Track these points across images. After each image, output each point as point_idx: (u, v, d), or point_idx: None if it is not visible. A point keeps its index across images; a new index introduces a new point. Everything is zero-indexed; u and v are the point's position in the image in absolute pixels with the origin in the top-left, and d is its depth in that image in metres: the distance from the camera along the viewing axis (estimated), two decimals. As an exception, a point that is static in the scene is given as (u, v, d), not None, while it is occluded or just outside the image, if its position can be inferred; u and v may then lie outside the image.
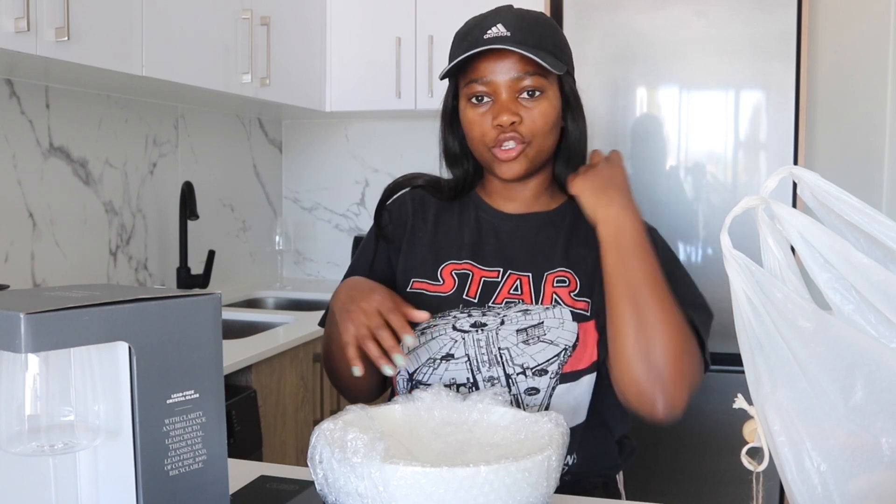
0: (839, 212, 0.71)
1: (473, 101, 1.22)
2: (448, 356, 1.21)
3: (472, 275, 1.25)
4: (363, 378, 1.13)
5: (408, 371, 1.24)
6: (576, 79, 1.28)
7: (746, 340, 0.73)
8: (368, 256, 1.34)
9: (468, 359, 1.20)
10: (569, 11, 2.46)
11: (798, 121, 2.36)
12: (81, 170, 2.28)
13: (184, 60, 2.18)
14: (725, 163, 2.42)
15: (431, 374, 1.21)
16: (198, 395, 0.79)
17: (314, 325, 1.13)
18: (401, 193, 1.37)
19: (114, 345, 0.76)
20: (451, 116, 1.29)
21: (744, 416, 0.77)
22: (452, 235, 1.30)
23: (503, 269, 1.24)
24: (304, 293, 2.92)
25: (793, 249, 0.74)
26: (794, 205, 2.28)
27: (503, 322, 1.20)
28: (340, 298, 1.18)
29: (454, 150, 1.31)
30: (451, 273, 1.26)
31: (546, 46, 1.20)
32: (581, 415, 1.20)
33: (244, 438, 1.88)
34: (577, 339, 1.19)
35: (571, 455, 1.20)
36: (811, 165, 2.68)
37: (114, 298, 0.74)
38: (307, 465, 0.90)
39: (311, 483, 0.97)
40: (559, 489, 0.92)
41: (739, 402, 0.76)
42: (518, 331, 1.19)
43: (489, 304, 1.22)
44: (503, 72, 1.19)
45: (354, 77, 2.91)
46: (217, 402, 0.81)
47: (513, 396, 1.18)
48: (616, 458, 1.25)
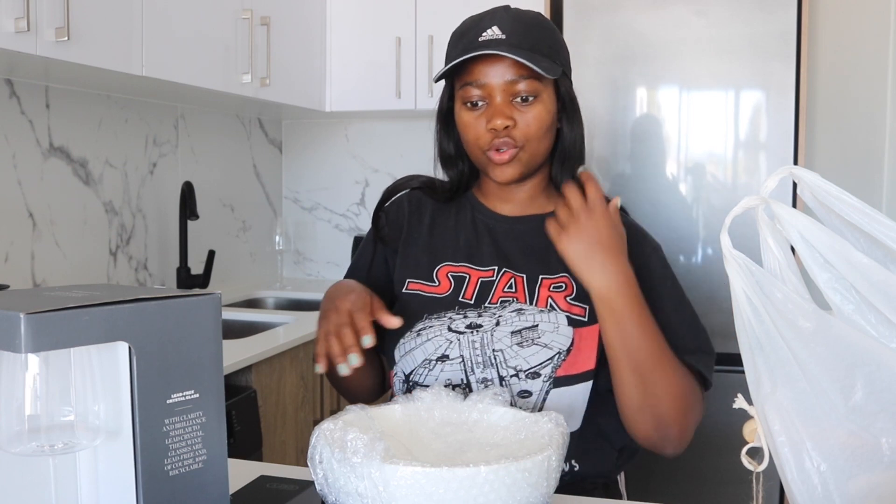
0: (839, 212, 0.71)
1: (468, 104, 1.22)
2: (443, 357, 1.20)
3: (469, 277, 1.25)
4: (360, 379, 1.14)
5: (404, 372, 1.24)
6: (574, 80, 1.28)
7: (746, 340, 0.73)
8: (366, 259, 1.35)
9: (462, 360, 1.19)
10: (569, 11, 2.46)
11: (798, 121, 2.36)
12: (81, 170, 2.28)
13: (184, 60, 2.18)
14: (725, 163, 2.42)
15: (427, 376, 1.21)
16: (198, 395, 0.79)
17: (314, 326, 1.13)
18: (398, 195, 1.37)
19: (114, 345, 0.76)
20: (447, 118, 1.29)
21: (744, 416, 0.77)
22: (448, 237, 1.30)
23: (498, 268, 1.24)
24: (304, 293, 2.92)
25: (793, 249, 0.74)
26: (794, 205, 2.28)
27: (498, 323, 1.19)
28: (325, 298, 1.22)
29: (449, 152, 1.31)
30: (447, 275, 1.26)
31: (541, 49, 1.19)
32: (576, 421, 1.19)
33: (244, 438, 1.88)
34: (573, 344, 1.18)
35: (569, 462, 1.18)
36: (811, 165, 2.68)
37: (114, 298, 0.74)
38: (307, 465, 0.90)
39: (311, 483, 0.97)
40: (559, 489, 0.92)
41: (739, 402, 0.76)
42: (512, 333, 1.18)
43: (485, 305, 1.22)
44: (497, 75, 1.19)
45: (354, 77, 2.91)
46: (217, 402, 0.81)
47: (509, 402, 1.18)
48: (616, 463, 1.24)
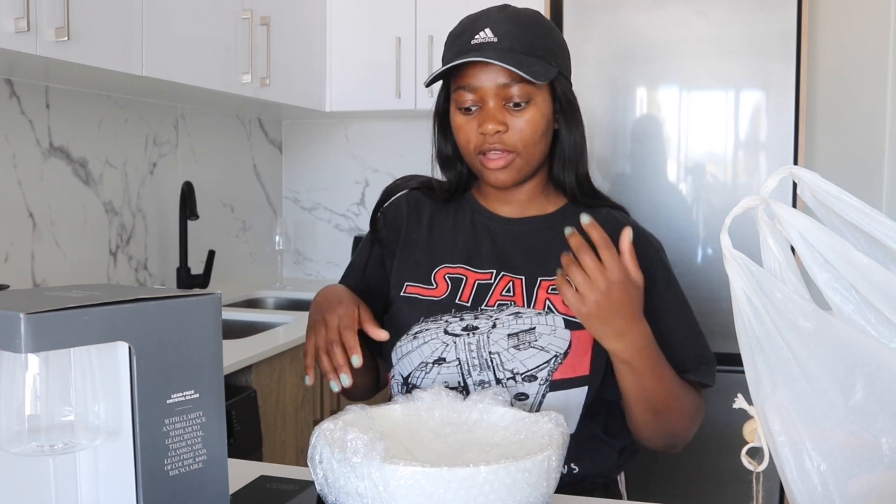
0: (839, 212, 0.71)
1: (461, 108, 1.21)
2: (440, 360, 1.20)
3: (466, 279, 1.24)
4: (354, 380, 1.14)
5: (402, 375, 1.24)
6: (574, 80, 1.26)
7: (746, 340, 0.73)
8: (362, 260, 1.35)
9: (459, 363, 1.19)
10: (569, 11, 2.46)
11: (798, 121, 2.36)
12: (81, 170, 2.28)
13: (184, 60, 2.18)
14: (725, 163, 2.42)
15: (424, 378, 1.21)
16: (198, 395, 0.79)
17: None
18: (396, 196, 1.36)
19: (114, 345, 0.76)
20: (444, 119, 1.28)
21: (744, 416, 0.77)
22: (447, 239, 1.29)
23: (496, 271, 1.24)
24: (304, 293, 2.92)
25: (793, 249, 0.74)
26: (794, 205, 2.28)
27: (495, 325, 1.19)
28: (314, 306, 1.22)
29: (447, 153, 1.31)
30: (445, 277, 1.25)
31: (536, 51, 1.18)
32: (572, 424, 1.18)
33: (244, 438, 1.88)
34: (570, 347, 1.17)
35: (568, 465, 1.17)
36: (811, 165, 2.68)
37: (114, 298, 0.74)
38: (307, 465, 0.90)
39: (311, 483, 0.97)
40: (559, 489, 0.92)
41: (739, 402, 0.76)
42: (509, 335, 1.18)
43: (482, 307, 1.21)
44: (489, 80, 1.18)
45: (354, 77, 2.91)
46: (217, 402, 0.81)
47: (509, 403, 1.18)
48: (616, 464, 1.24)
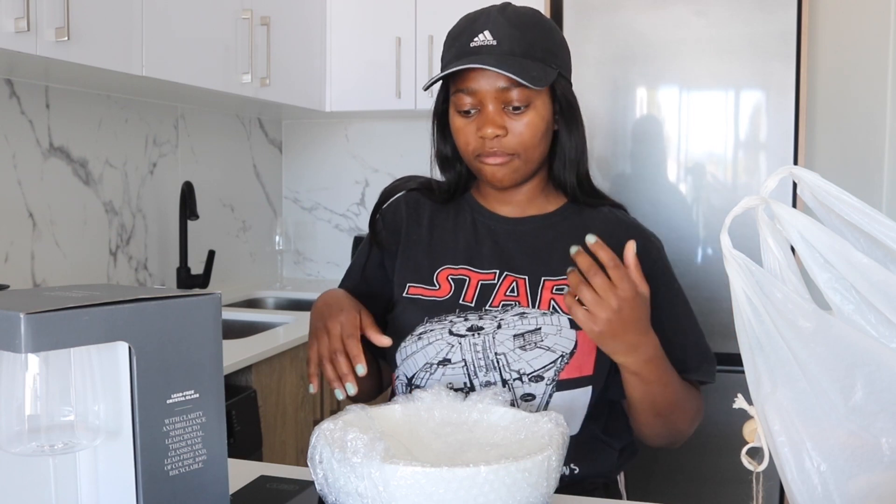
0: (839, 212, 0.71)
1: (461, 111, 1.20)
2: (445, 361, 1.19)
3: (469, 279, 1.24)
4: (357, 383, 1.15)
5: (406, 376, 1.23)
6: (574, 80, 1.26)
7: (746, 340, 0.73)
8: (361, 262, 1.35)
9: (465, 363, 1.19)
10: (569, 11, 2.46)
11: (798, 121, 2.36)
12: (81, 170, 2.28)
13: (184, 60, 2.18)
14: (725, 163, 2.42)
15: (429, 379, 1.20)
16: (198, 395, 0.79)
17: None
18: (395, 197, 1.36)
19: (114, 345, 0.76)
20: (443, 120, 1.28)
21: (744, 416, 0.77)
22: (448, 239, 1.28)
23: (499, 271, 1.23)
24: (304, 293, 2.92)
25: (793, 249, 0.74)
26: (794, 205, 2.28)
27: (500, 326, 1.19)
28: (314, 312, 1.23)
29: (446, 154, 1.30)
30: (447, 278, 1.25)
31: (535, 53, 1.17)
32: (576, 425, 1.18)
33: (244, 438, 1.88)
34: (576, 347, 1.17)
35: (569, 465, 1.18)
36: (811, 165, 2.68)
37: (114, 298, 0.74)
38: (307, 465, 0.90)
39: (311, 483, 0.97)
40: (559, 489, 0.92)
41: (739, 402, 0.76)
42: (515, 336, 1.18)
43: (486, 308, 1.21)
44: (488, 83, 1.17)
45: (354, 77, 2.91)
46: (217, 402, 0.81)
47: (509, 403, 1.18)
48: (617, 464, 1.24)
